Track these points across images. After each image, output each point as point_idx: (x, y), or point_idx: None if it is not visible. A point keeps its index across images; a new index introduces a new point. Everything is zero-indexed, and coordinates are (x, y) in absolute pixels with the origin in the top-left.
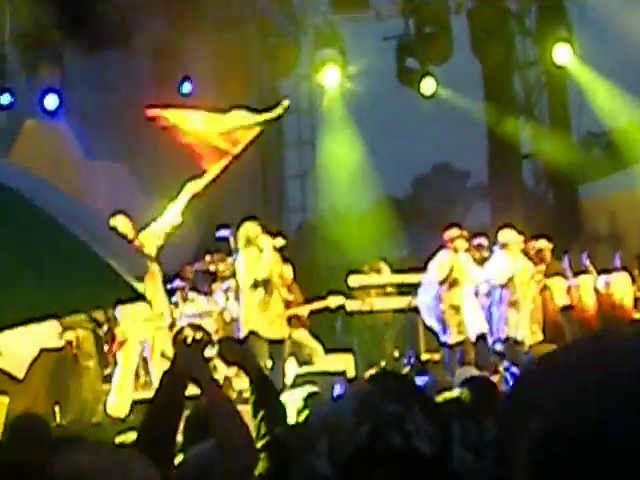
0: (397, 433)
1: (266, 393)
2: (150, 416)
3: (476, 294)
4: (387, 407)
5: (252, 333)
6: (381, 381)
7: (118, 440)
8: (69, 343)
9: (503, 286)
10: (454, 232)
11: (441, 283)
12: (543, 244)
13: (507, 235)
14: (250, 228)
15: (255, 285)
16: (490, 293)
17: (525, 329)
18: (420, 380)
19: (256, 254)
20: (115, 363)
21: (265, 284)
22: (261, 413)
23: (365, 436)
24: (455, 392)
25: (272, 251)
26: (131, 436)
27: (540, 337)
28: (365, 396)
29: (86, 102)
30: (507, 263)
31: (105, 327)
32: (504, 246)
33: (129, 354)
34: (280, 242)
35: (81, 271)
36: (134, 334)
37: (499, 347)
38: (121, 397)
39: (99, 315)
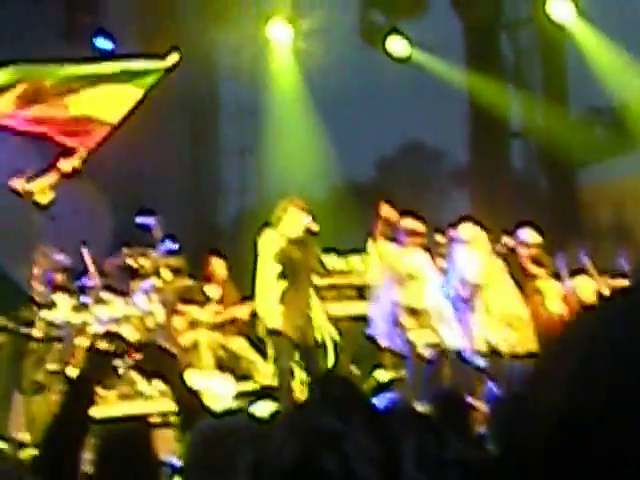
0: (332, 455)
1: (192, 412)
2: (52, 430)
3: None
4: (322, 421)
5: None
6: (318, 387)
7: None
8: None
9: (465, 289)
10: (411, 225)
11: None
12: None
13: (469, 231)
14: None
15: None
16: (451, 296)
17: (496, 340)
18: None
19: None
20: None
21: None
22: (187, 437)
23: (293, 457)
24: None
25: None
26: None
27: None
28: (300, 405)
29: None
30: (470, 262)
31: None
32: (466, 242)
33: None
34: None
35: None
36: None
37: (481, 362)
38: None
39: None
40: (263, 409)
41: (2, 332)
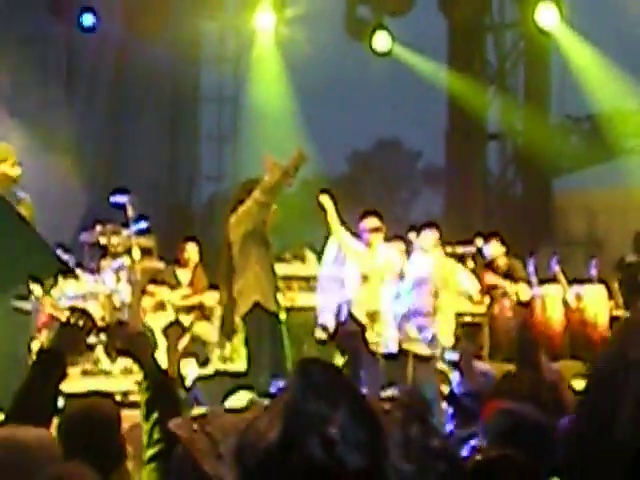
0: (316, 439)
1: (162, 390)
2: (21, 400)
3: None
4: (307, 405)
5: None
6: (303, 371)
7: None
8: None
9: (419, 291)
10: (371, 223)
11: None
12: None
13: (427, 239)
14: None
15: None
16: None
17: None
18: None
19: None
20: None
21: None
22: (155, 415)
23: (276, 440)
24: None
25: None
26: None
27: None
28: (284, 390)
29: None
30: (423, 265)
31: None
32: (426, 248)
33: None
34: None
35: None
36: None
37: (453, 356)
38: None
39: None
40: (241, 399)
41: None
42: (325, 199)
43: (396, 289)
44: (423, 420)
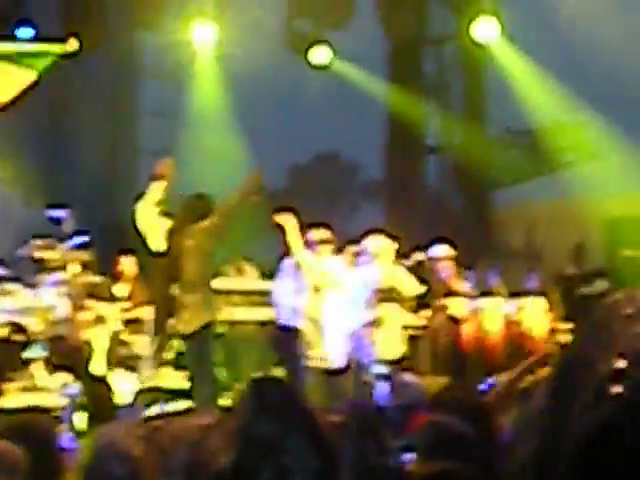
0: (269, 466)
1: (101, 405)
2: None
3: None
4: (261, 428)
5: None
6: (257, 391)
7: None
8: None
9: (365, 301)
10: (320, 234)
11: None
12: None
13: (376, 243)
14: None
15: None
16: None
17: (389, 355)
18: None
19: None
20: None
21: None
22: (95, 429)
23: (229, 464)
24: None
25: None
26: None
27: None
28: (238, 409)
29: None
30: (370, 276)
31: None
32: (373, 255)
33: None
34: None
35: None
36: None
37: (382, 369)
38: None
39: None
40: (179, 406)
41: None
42: (285, 218)
43: (342, 301)
44: (377, 434)
